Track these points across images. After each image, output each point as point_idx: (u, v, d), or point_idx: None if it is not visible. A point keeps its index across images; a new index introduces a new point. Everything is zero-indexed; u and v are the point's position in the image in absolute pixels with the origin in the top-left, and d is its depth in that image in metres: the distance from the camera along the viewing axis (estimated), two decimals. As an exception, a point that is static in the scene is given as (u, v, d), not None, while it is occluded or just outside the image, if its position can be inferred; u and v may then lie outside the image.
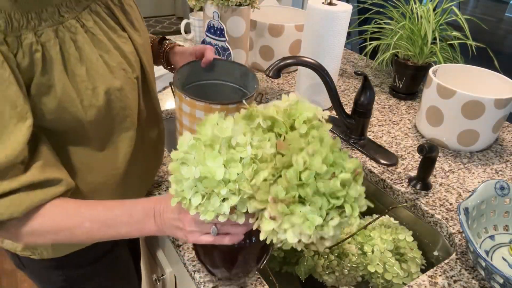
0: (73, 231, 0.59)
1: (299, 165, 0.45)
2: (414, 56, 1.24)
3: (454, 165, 1.00)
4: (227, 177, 0.48)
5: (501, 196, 0.79)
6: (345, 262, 0.82)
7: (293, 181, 0.45)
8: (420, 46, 1.21)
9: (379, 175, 0.96)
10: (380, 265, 0.80)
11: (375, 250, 0.82)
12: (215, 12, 1.17)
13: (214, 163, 0.48)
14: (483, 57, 1.25)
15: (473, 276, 0.72)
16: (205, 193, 0.50)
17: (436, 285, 0.70)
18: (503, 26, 2.40)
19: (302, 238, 0.46)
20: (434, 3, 1.23)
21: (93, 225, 0.59)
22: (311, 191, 0.45)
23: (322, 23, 1.06)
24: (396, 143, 1.08)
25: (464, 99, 0.97)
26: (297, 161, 0.45)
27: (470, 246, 0.68)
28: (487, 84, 1.09)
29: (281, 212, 0.45)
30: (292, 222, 0.45)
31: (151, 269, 1.11)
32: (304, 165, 0.45)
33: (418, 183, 0.91)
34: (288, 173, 0.45)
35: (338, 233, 0.48)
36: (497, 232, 0.80)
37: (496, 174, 0.98)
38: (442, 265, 0.74)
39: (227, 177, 0.48)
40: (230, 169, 0.49)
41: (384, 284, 0.79)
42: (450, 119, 1.01)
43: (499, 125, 1.02)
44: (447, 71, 1.12)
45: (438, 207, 0.86)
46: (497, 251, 0.77)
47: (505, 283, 0.63)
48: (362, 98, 1.00)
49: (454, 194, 0.90)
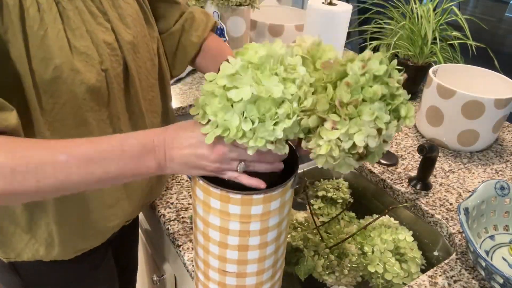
0: (43, 169, 0.48)
1: (357, 68, 0.45)
2: (414, 56, 1.24)
3: (454, 165, 1.00)
4: (283, 96, 0.46)
5: (501, 196, 0.79)
6: (345, 262, 0.82)
7: (355, 84, 0.45)
8: (420, 46, 1.21)
9: (379, 175, 0.96)
10: (380, 265, 0.80)
11: (375, 250, 0.82)
12: (215, 12, 1.17)
13: (270, 82, 0.46)
14: (483, 57, 1.25)
15: (473, 276, 0.72)
16: (256, 118, 0.46)
17: (436, 285, 0.70)
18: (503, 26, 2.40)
19: (369, 142, 0.46)
20: (434, 3, 1.23)
21: (70, 159, 0.49)
22: (373, 92, 0.45)
23: (322, 23, 1.06)
24: (396, 143, 1.08)
25: (464, 99, 0.97)
26: (352, 68, 0.46)
27: (470, 246, 0.68)
28: (487, 84, 1.09)
29: (349, 114, 0.45)
30: (360, 124, 0.45)
31: (151, 269, 1.11)
32: (363, 69, 0.46)
33: (418, 183, 0.91)
34: (349, 77, 0.45)
35: (394, 135, 0.49)
36: (497, 232, 0.80)
37: (496, 174, 0.98)
38: (442, 265, 0.74)
39: (284, 96, 0.46)
40: (285, 89, 0.46)
41: (384, 284, 0.79)
42: (450, 119, 1.01)
43: (499, 125, 1.02)
44: (447, 71, 1.12)
45: (438, 207, 0.86)
46: (497, 251, 0.77)
47: (505, 283, 0.63)
48: (362, 98, 1.00)
49: (454, 194, 0.90)
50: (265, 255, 0.57)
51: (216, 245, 0.56)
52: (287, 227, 0.61)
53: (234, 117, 0.46)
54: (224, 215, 0.53)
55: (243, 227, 0.54)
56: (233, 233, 0.54)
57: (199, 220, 0.56)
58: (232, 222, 0.53)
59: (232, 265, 0.57)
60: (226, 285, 0.59)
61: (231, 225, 0.53)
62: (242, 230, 0.54)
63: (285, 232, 0.60)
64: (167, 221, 0.80)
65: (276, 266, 0.62)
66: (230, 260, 0.56)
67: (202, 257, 0.59)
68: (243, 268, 0.57)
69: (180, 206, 0.83)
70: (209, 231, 0.55)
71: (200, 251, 0.59)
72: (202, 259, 0.59)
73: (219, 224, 0.54)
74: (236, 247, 0.55)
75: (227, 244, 0.55)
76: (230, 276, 0.58)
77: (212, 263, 0.58)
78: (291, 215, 0.91)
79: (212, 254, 0.57)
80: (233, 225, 0.53)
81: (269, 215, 0.54)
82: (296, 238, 0.85)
